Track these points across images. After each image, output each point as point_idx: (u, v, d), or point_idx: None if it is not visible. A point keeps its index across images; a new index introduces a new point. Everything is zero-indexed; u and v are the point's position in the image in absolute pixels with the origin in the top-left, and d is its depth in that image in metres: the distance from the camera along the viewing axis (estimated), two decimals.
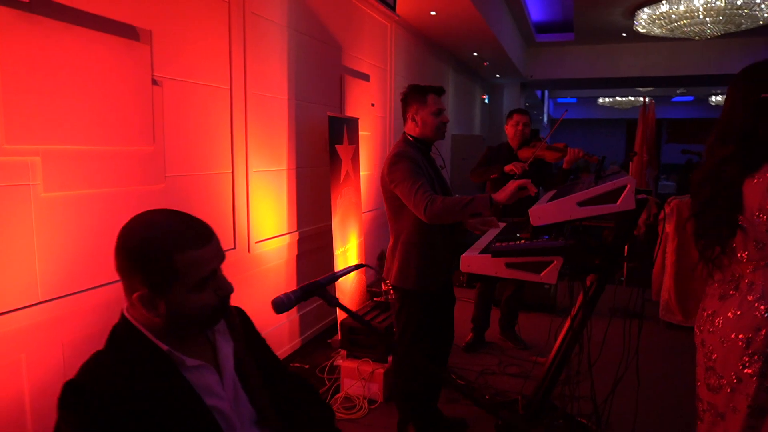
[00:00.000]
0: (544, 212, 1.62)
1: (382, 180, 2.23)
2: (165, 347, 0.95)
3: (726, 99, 1.51)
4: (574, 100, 18.57)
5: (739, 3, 6.54)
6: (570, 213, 1.59)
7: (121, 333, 0.98)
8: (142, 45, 2.32)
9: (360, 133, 4.23)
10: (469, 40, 6.91)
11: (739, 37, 8.81)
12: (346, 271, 1.14)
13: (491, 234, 2.11)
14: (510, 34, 8.04)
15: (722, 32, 7.33)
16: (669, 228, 3.82)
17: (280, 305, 0.99)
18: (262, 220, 3.25)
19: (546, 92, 15.20)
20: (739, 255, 1.46)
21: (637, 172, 4.72)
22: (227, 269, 1.04)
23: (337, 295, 3.45)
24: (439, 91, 2.23)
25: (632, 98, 15.69)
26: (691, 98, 16.97)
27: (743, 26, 7.19)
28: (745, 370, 1.41)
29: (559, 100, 18.68)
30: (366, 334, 2.75)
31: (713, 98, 15.01)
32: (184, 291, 0.95)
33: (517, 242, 1.69)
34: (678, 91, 15.14)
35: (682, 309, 3.81)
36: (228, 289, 1.00)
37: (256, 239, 3.17)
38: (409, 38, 5.92)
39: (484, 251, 1.75)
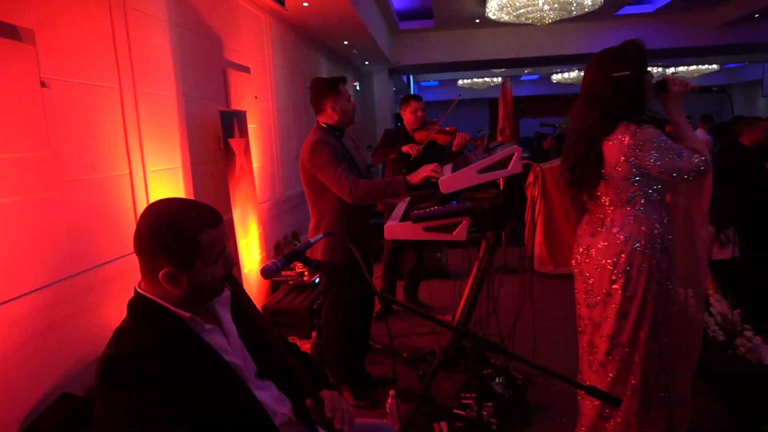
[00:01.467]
0: (451, 182, 1.90)
1: (302, 165, 2.39)
2: (187, 314, 1.07)
3: (586, 75, 1.89)
4: (436, 83, 19.69)
5: None
6: (472, 180, 1.89)
7: (141, 307, 1.09)
8: (25, 45, 2.20)
9: (248, 125, 4.27)
10: (340, 29, 7.13)
11: (572, 22, 10.03)
12: (317, 240, 1.31)
13: (401, 207, 2.37)
14: (377, 22, 8.39)
15: (559, 18, 8.33)
16: (536, 192, 4.40)
17: (269, 272, 1.13)
18: None
19: (411, 76, 15.96)
20: (602, 200, 1.87)
21: None
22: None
23: (243, 281, 3.53)
24: (345, 80, 2.44)
25: (488, 79, 17.04)
26: (536, 77, 18.85)
27: (574, 13, 8.24)
28: (614, 286, 1.82)
29: (423, 84, 19.69)
30: (287, 314, 2.89)
31: (554, 76, 16.84)
32: (203, 266, 1.09)
33: (433, 208, 1.96)
34: (525, 71, 16.77)
35: (552, 260, 4.44)
36: (233, 262, 1.14)
37: None
38: (283, 29, 5.99)
39: (404, 219, 2.00)
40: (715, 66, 17.11)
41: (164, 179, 3.24)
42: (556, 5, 7.89)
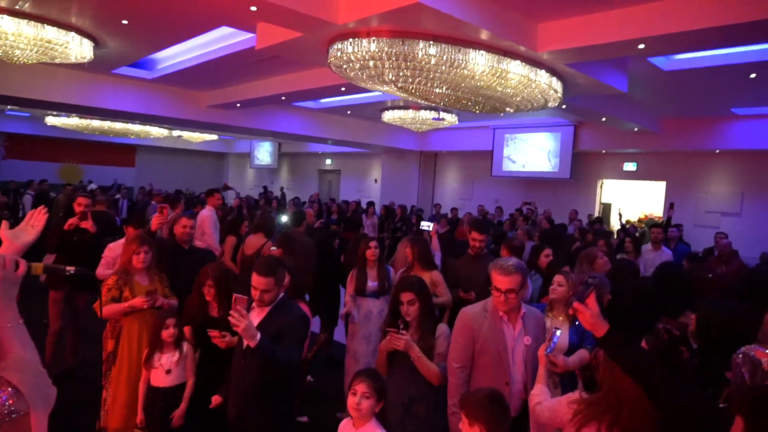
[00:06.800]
0: None
1: None
2: None
3: None
4: None
5: (48, 38, 6.53)
6: None
7: None
8: None
9: None
10: None
11: (64, 69, 8.96)
12: None
13: None
14: None
15: (39, 60, 7.15)
16: None
17: None
18: None
19: None
20: None
21: None
22: None
23: None
24: None
25: None
26: (28, 114, 16.20)
27: (58, 60, 7.26)
28: None
29: None
30: None
31: (49, 119, 14.71)
32: None
33: None
34: (11, 106, 13.99)
35: None
36: None
37: None
38: None
39: None
40: (215, 136, 18.96)
41: None
42: (34, 48, 6.70)
